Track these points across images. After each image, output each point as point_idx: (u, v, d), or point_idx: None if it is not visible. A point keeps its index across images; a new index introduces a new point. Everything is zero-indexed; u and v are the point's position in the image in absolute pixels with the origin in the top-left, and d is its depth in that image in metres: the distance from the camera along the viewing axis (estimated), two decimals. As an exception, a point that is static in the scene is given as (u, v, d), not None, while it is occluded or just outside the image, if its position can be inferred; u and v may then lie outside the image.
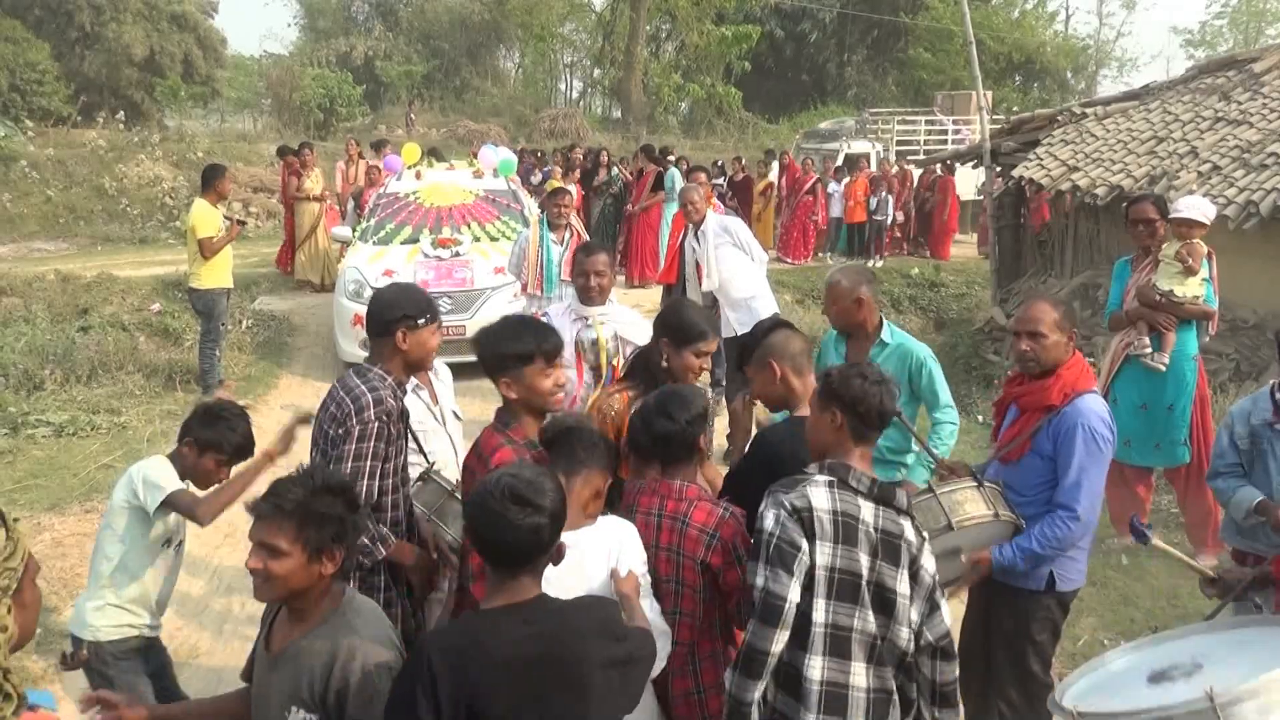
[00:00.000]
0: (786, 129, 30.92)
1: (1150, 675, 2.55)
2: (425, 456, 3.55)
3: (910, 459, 4.09)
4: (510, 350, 2.95)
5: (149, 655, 3.34)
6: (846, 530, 2.46)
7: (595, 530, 2.63)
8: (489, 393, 7.81)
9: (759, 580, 2.45)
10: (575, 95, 41.13)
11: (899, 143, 23.41)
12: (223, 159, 16.87)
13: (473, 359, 3.10)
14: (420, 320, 3.09)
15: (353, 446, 2.91)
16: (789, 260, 15.59)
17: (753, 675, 2.43)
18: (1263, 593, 3.05)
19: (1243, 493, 3.54)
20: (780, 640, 2.42)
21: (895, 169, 17.88)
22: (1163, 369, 5.24)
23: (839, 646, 2.47)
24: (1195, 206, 5.24)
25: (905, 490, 3.59)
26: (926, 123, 25.23)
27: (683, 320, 3.39)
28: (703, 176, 9.74)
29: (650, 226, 12.89)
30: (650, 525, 2.71)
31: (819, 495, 2.47)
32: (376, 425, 2.93)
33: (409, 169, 10.81)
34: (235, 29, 75.40)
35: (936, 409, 4.01)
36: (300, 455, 3.17)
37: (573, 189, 11.99)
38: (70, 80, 25.30)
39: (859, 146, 20.73)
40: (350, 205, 12.78)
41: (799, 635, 2.46)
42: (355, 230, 10.21)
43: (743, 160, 17.85)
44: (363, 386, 2.99)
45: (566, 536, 2.28)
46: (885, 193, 16.20)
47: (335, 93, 29.41)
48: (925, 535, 2.62)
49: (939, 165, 16.52)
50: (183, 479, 3.30)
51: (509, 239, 9.14)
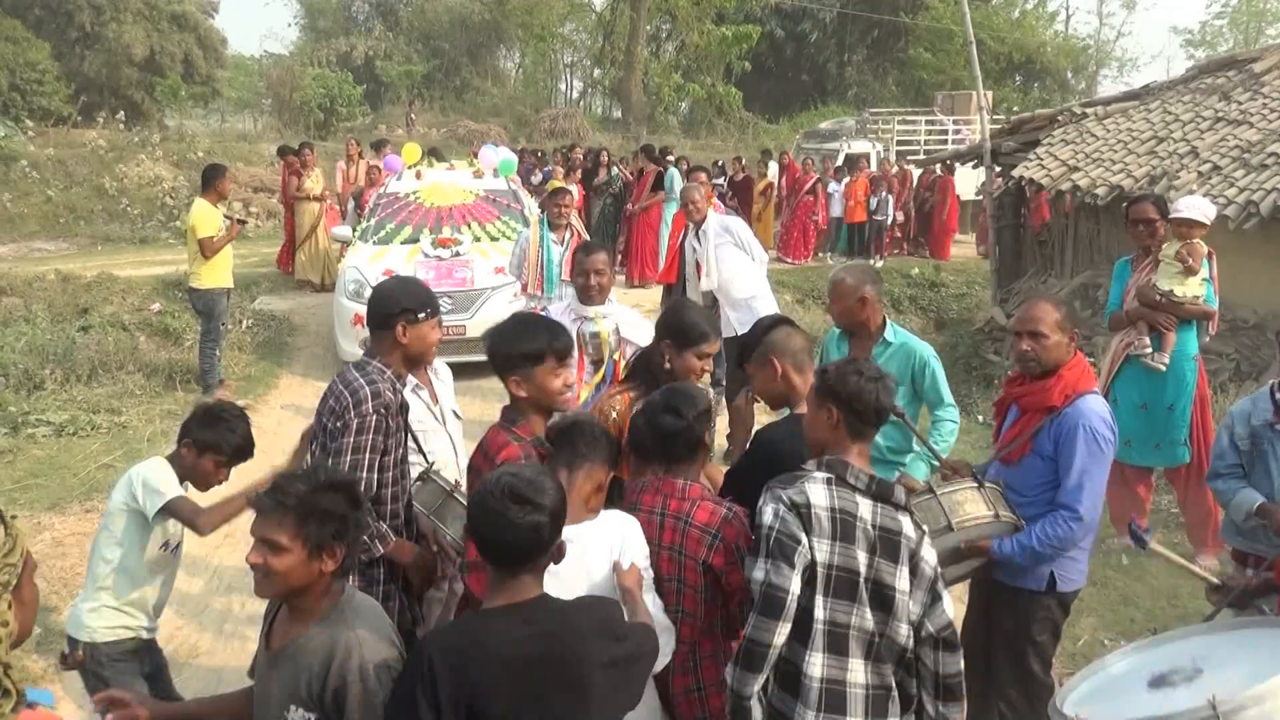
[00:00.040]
0: (787, 129, 30.92)
1: (1151, 680, 2.54)
2: (425, 456, 3.54)
3: (909, 458, 4.09)
4: (522, 349, 2.94)
5: (145, 657, 3.33)
6: (844, 528, 2.46)
7: (597, 524, 2.63)
8: (489, 392, 7.88)
9: (759, 573, 2.44)
10: (575, 95, 41.17)
11: (899, 143, 23.42)
12: (223, 159, 16.86)
13: (473, 359, 3.10)
14: (420, 314, 3.09)
15: (351, 439, 2.91)
16: (789, 260, 15.60)
17: (753, 669, 2.43)
18: (1267, 599, 3.05)
19: (1243, 495, 3.54)
20: (781, 633, 2.42)
21: (895, 169, 17.88)
22: (1163, 369, 5.24)
23: (836, 643, 2.47)
24: (1195, 206, 5.24)
25: (905, 483, 3.60)
26: (927, 123, 25.24)
27: (684, 322, 3.38)
28: (703, 176, 9.72)
29: (650, 226, 12.89)
30: (653, 524, 2.70)
31: (817, 492, 2.47)
32: (375, 418, 2.93)
33: (409, 169, 10.79)
34: (235, 29, 75.57)
35: (940, 408, 4.02)
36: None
37: (574, 189, 11.99)
38: (70, 80, 25.28)
39: (859, 146, 20.72)
40: (350, 205, 12.77)
41: (800, 631, 2.45)
42: (355, 230, 10.20)
43: (743, 160, 17.85)
44: (361, 380, 2.99)
45: (568, 531, 2.27)
46: (885, 193, 16.21)
47: (335, 93, 29.41)
48: (925, 528, 2.62)
49: (939, 165, 16.52)
50: (182, 480, 3.29)
51: (509, 239, 9.14)
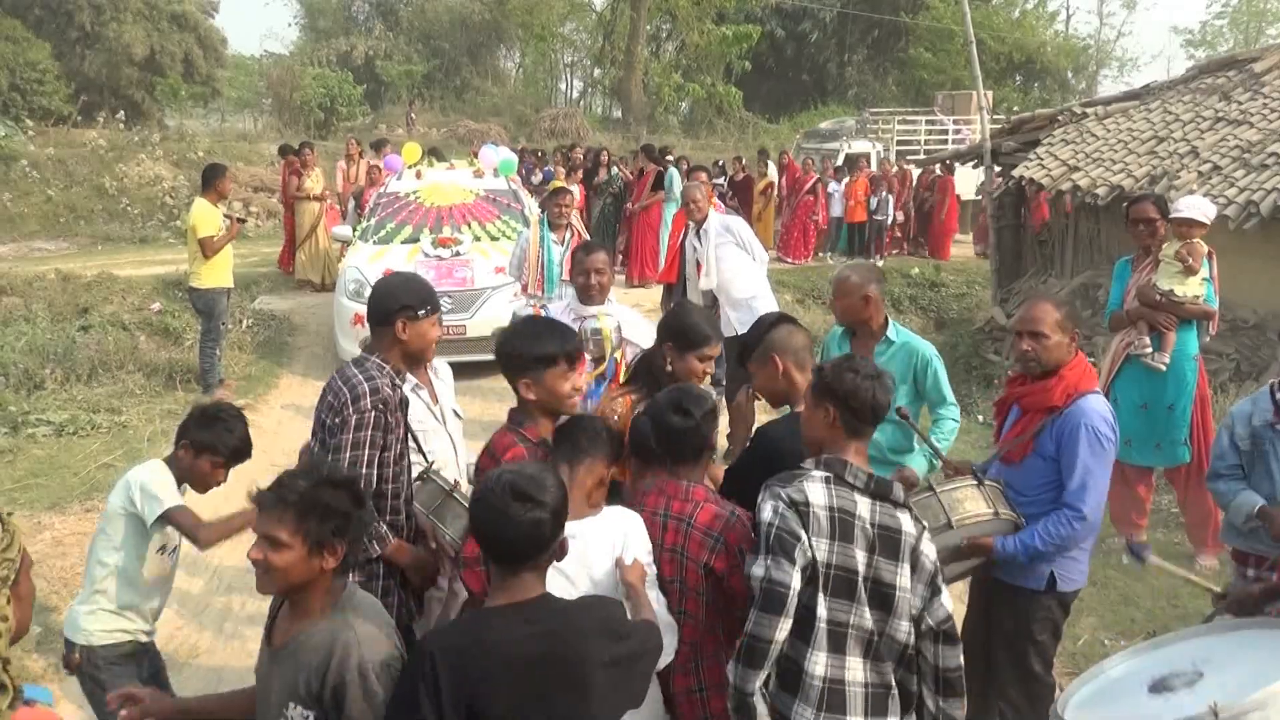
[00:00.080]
0: (787, 129, 30.91)
1: (1151, 684, 2.53)
2: (425, 456, 3.54)
3: (912, 459, 4.08)
4: (534, 352, 2.95)
5: (143, 660, 3.30)
6: (843, 527, 2.45)
7: (599, 520, 2.62)
8: (489, 392, 7.88)
9: (759, 569, 2.43)
10: (575, 95, 41.15)
11: (899, 142, 23.40)
12: (223, 159, 16.85)
13: (473, 358, 3.10)
14: (420, 311, 3.09)
15: (350, 436, 2.91)
16: (789, 260, 15.59)
17: (754, 665, 2.42)
18: (1274, 604, 3.05)
19: (1243, 497, 3.53)
20: (782, 629, 2.41)
21: (895, 169, 17.87)
22: (1163, 369, 5.24)
23: (836, 642, 2.47)
24: (1195, 206, 5.24)
25: (906, 475, 3.59)
26: (927, 122, 25.22)
27: (686, 325, 3.38)
28: (703, 176, 9.71)
29: (650, 226, 12.89)
30: (656, 525, 2.69)
31: (816, 491, 2.47)
32: (373, 414, 2.93)
33: (409, 168, 10.79)
34: (235, 29, 75.74)
35: (942, 406, 4.02)
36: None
37: (575, 189, 11.98)
38: (70, 80, 25.25)
39: (859, 146, 20.70)
40: (351, 205, 12.77)
41: (802, 629, 2.45)
42: (356, 230, 10.20)
43: (743, 160, 17.84)
44: (360, 376, 2.99)
45: (570, 527, 2.27)
46: (885, 192, 16.21)
47: (336, 92, 29.39)
48: (925, 524, 2.61)
49: (938, 165, 16.52)
50: (180, 482, 3.27)
51: (509, 239, 9.14)
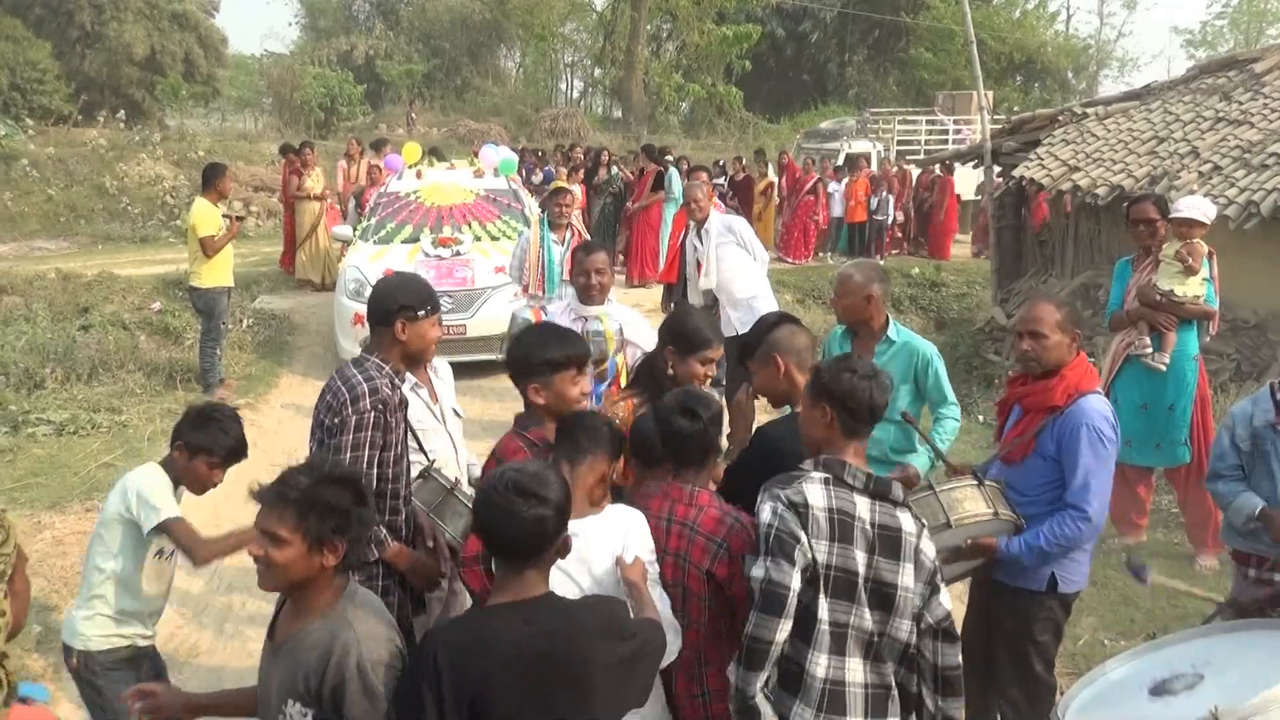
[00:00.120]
0: (787, 129, 30.91)
1: (1152, 687, 2.53)
2: (425, 455, 3.54)
3: (913, 459, 4.07)
4: (545, 357, 2.98)
5: (142, 665, 3.27)
6: (842, 528, 2.45)
7: (601, 519, 2.61)
8: (489, 392, 7.88)
9: (758, 571, 2.43)
10: (576, 95, 41.15)
11: (900, 142, 23.40)
12: (223, 158, 16.84)
13: (473, 358, 3.11)
14: (420, 312, 3.09)
15: (350, 437, 2.91)
16: (789, 260, 15.59)
17: (755, 667, 2.42)
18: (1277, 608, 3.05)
19: (1243, 498, 3.52)
20: (783, 630, 2.40)
21: (895, 169, 17.87)
22: (1163, 369, 5.24)
23: (837, 643, 2.47)
24: (1195, 206, 5.24)
25: (908, 474, 3.58)
26: (927, 123, 25.23)
27: (687, 328, 3.37)
28: (704, 176, 9.72)
29: (651, 226, 12.89)
30: (659, 529, 2.68)
31: (815, 492, 2.46)
32: (373, 415, 2.93)
33: (410, 168, 10.80)
34: (236, 28, 75.94)
35: (943, 405, 4.02)
36: (302, 450, 3.16)
37: (577, 189, 11.97)
38: (71, 79, 25.26)
39: (860, 146, 20.70)
40: (352, 204, 12.77)
41: (804, 630, 2.44)
42: (356, 229, 10.20)
43: (743, 160, 17.84)
44: (359, 376, 2.99)
45: (572, 525, 2.27)
46: (886, 192, 16.21)
47: (336, 92, 29.39)
48: (924, 522, 2.61)
49: (938, 165, 16.52)
50: (177, 485, 3.23)
51: (509, 238, 9.14)
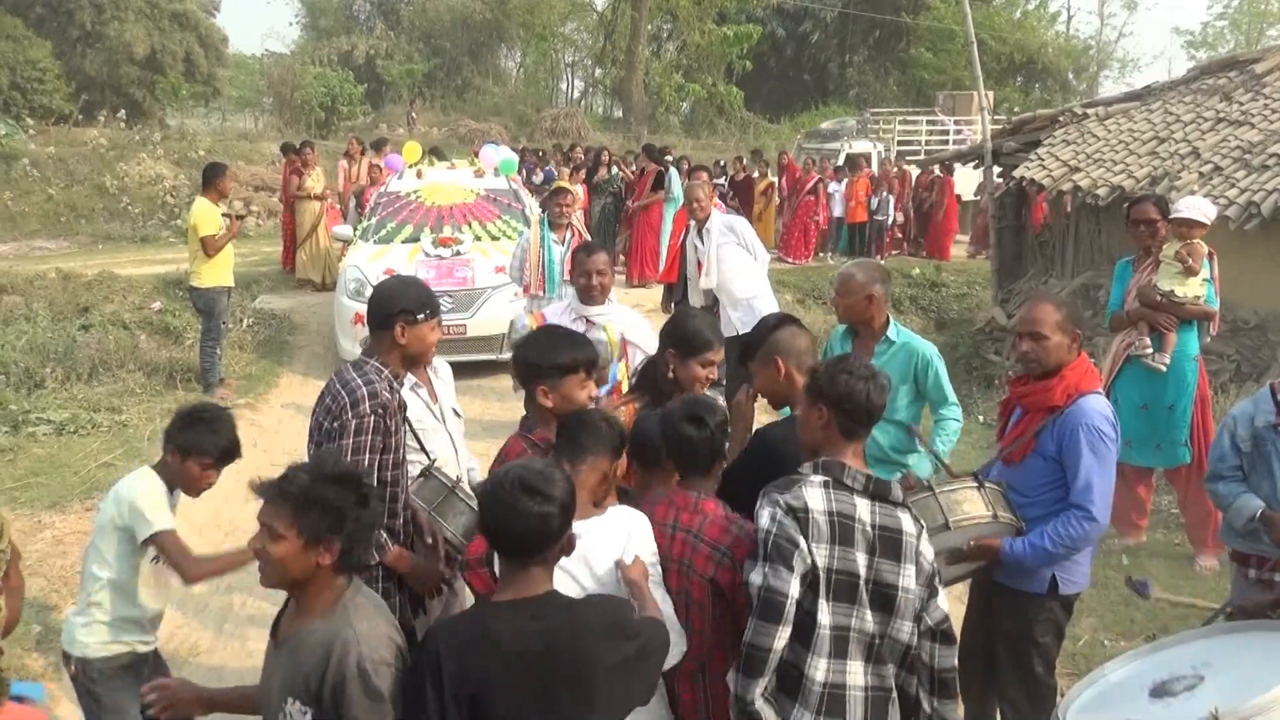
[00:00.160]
0: (788, 129, 30.92)
1: (1152, 688, 2.53)
2: (426, 454, 3.54)
3: (913, 459, 4.08)
4: (555, 360, 3.00)
5: (142, 670, 3.20)
6: (843, 531, 2.44)
7: (604, 520, 2.61)
8: (489, 391, 7.88)
9: (757, 577, 2.42)
10: (577, 95, 41.16)
11: (900, 143, 23.40)
12: (224, 158, 16.83)
13: (473, 358, 3.11)
14: (419, 315, 3.09)
15: (350, 441, 2.91)
16: (790, 260, 15.59)
17: (754, 674, 2.41)
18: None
19: (1243, 500, 3.51)
20: (781, 637, 2.40)
21: (895, 169, 17.88)
22: (1163, 369, 5.24)
23: (838, 646, 2.46)
24: (1196, 207, 5.24)
25: (907, 481, 3.58)
26: (928, 123, 25.23)
27: (688, 331, 3.37)
28: (704, 176, 9.72)
29: (651, 226, 12.89)
30: (664, 537, 2.67)
31: (814, 496, 2.45)
32: (373, 419, 2.93)
33: (410, 168, 10.80)
34: (237, 28, 76.02)
35: (943, 406, 4.01)
36: (302, 450, 3.15)
37: (580, 190, 11.97)
38: (71, 78, 25.25)
39: (860, 146, 20.70)
40: (352, 204, 12.78)
41: (803, 635, 2.44)
42: (356, 229, 10.21)
43: (743, 160, 17.85)
44: (358, 380, 2.99)
45: (575, 526, 2.27)
46: (886, 193, 16.21)
47: (337, 91, 29.40)
48: (923, 523, 2.60)
49: (937, 165, 16.51)
50: (172, 488, 3.19)
51: (510, 238, 9.15)
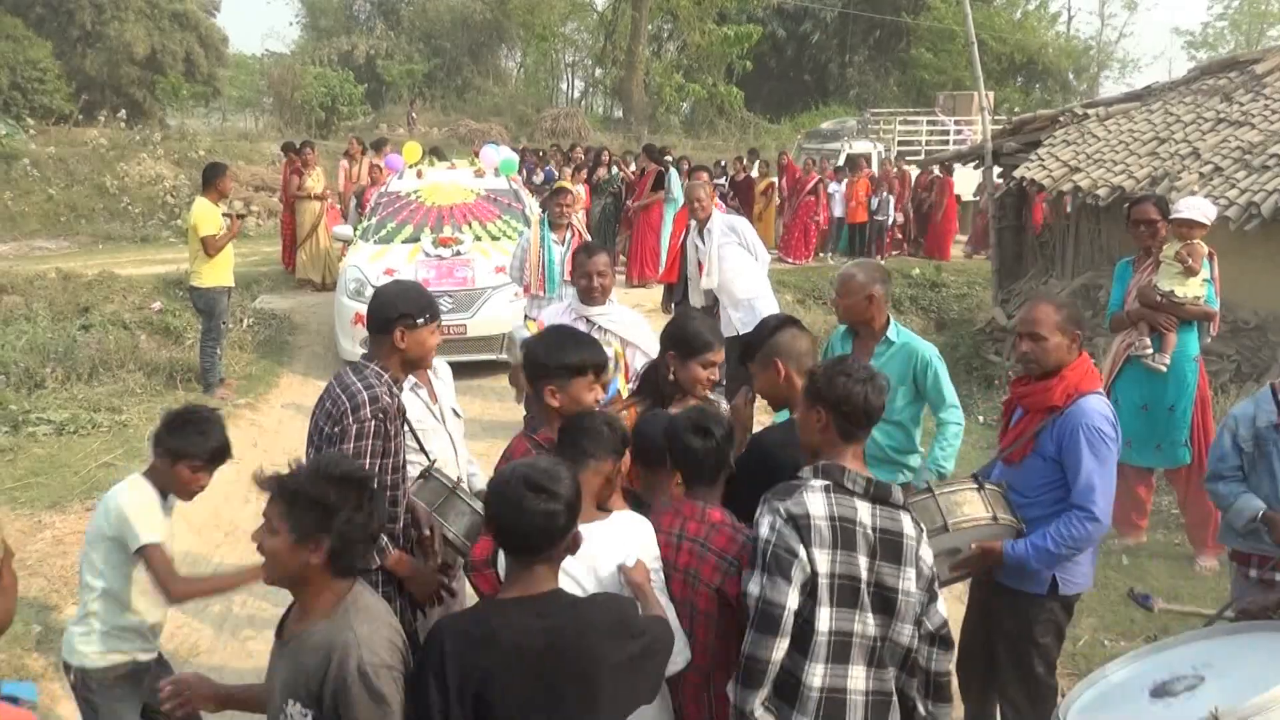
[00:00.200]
0: (788, 129, 30.94)
1: (1153, 688, 2.52)
2: (426, 455, 3.54)
3: (914, 460, 4.08)
4: (564, 361, 3.01)
5: (142, 679, 3.17)
6: (845, 535, 2.43)
7: (608, 524, 2.60)
8: (489, 392, 7.88)
9: (755, 588, 2.41)
10: (577, 95, 41.19)
11: (901, 143, 23.40)
12: (224, 158, 16.83)
13: (473, 358, 3.11)
14: (419, 320, 3.08)
15: (350, 445, 2.90)
16: (790, 260, 15.60)
17: (752, 685, 2.40)
18: None
19: (1243, 500, 3.50)
20: (780, 648, 2.39)
21: (895, 170, 17.88)
22: (1164, 370, 5.24)
23: (840, 652, 2.44)
24: (1196, 207, 5.24)
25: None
26: (928, 123, 25.23)
27: (688, 332, 3.36)
28: (704, 176, 9.72)
29: (651, 226, 12.90)
30: (670, 546, 2.66)
31: (815, 501, 2.44)
32: (373, 424, 2.93)
33: (410, 168, 10.80)
34: (237, 28, 76.12)
35: (942, 409, 3.99)
36: (302, 450, 3.14)
37: (580, 190, 11.96)
38: (72, 78, 25.26)
39: (860, 147, 20.70)
40: (353, 204, 12.78)
41: (800, 642, 2.42)
42: (356, 229, 10.21)
43: (744, 160, 17.87)
44: (359, 384, 2.98)
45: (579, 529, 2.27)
46: (886, 193, 16.21)
47: (337, 91, 29.41)
48: (923, 526, 2.60)
49: (936, 166, 16.51)
50: (164, 494, 3.15)
51: (510, 238, 9.15)
